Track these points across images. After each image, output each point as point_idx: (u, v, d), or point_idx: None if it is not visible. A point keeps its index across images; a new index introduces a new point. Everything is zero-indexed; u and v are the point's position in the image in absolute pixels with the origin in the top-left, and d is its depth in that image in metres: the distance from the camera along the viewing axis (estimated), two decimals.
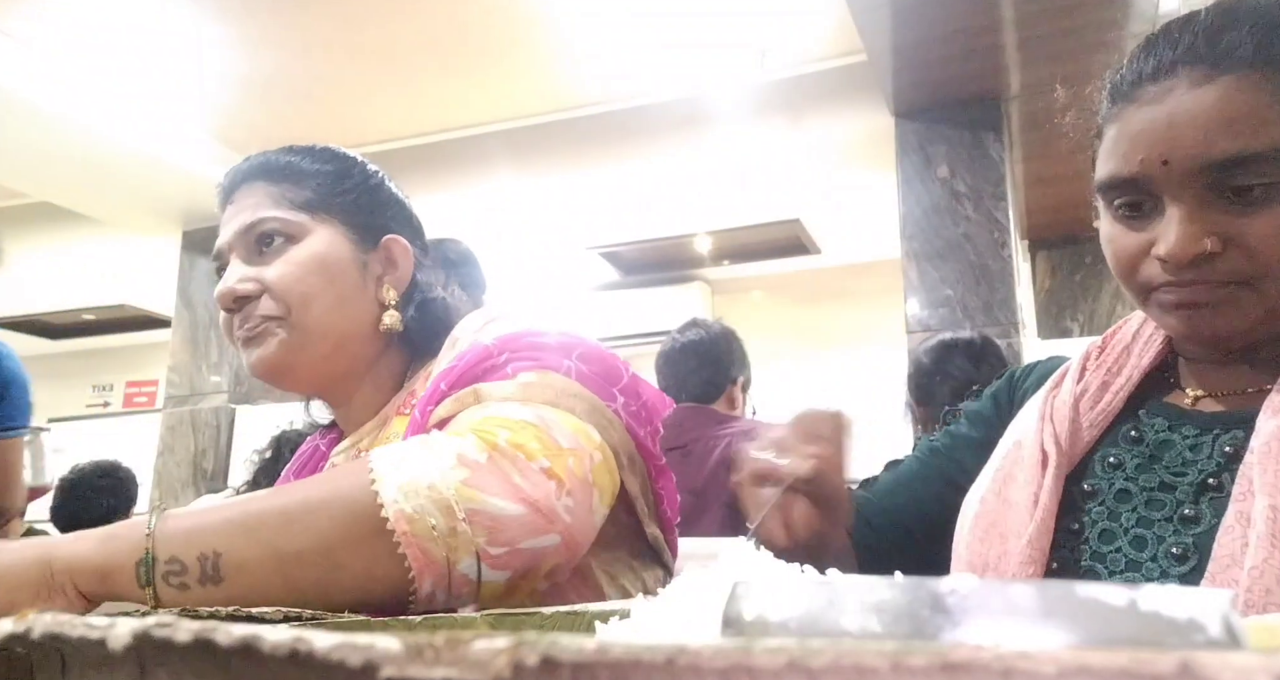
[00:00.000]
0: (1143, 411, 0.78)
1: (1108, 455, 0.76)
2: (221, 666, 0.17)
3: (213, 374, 4.76)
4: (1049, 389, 0.81)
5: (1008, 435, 0.81)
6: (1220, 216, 0.66)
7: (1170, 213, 0.67)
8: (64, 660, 0.20)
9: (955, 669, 0.13)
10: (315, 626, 0.34)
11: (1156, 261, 0.68)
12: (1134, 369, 0.79)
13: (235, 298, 0.87)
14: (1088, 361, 0.82)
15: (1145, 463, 0.74)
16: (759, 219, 5.07)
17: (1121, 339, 0.82)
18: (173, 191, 4.59)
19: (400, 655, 0.15)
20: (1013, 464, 0.78)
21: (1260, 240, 0.65)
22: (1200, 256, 0.65)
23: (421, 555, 0.61)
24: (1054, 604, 0.18)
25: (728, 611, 0.21)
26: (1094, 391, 0.79)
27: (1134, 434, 0.76)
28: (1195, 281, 0.67)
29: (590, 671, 0.14)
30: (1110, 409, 0.78)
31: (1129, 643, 0.17)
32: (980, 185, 3.45)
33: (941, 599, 0.19)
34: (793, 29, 3.50)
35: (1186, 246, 0.65)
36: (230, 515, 0.64)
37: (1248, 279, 0.66)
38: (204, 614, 0.38)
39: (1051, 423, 0.78)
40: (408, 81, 3.90)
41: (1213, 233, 0.65)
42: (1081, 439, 0.77)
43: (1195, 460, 0.72)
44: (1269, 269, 0.65)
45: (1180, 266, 0.66)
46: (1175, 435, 0.74)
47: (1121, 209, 0.71)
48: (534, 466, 0.65)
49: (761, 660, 0.14)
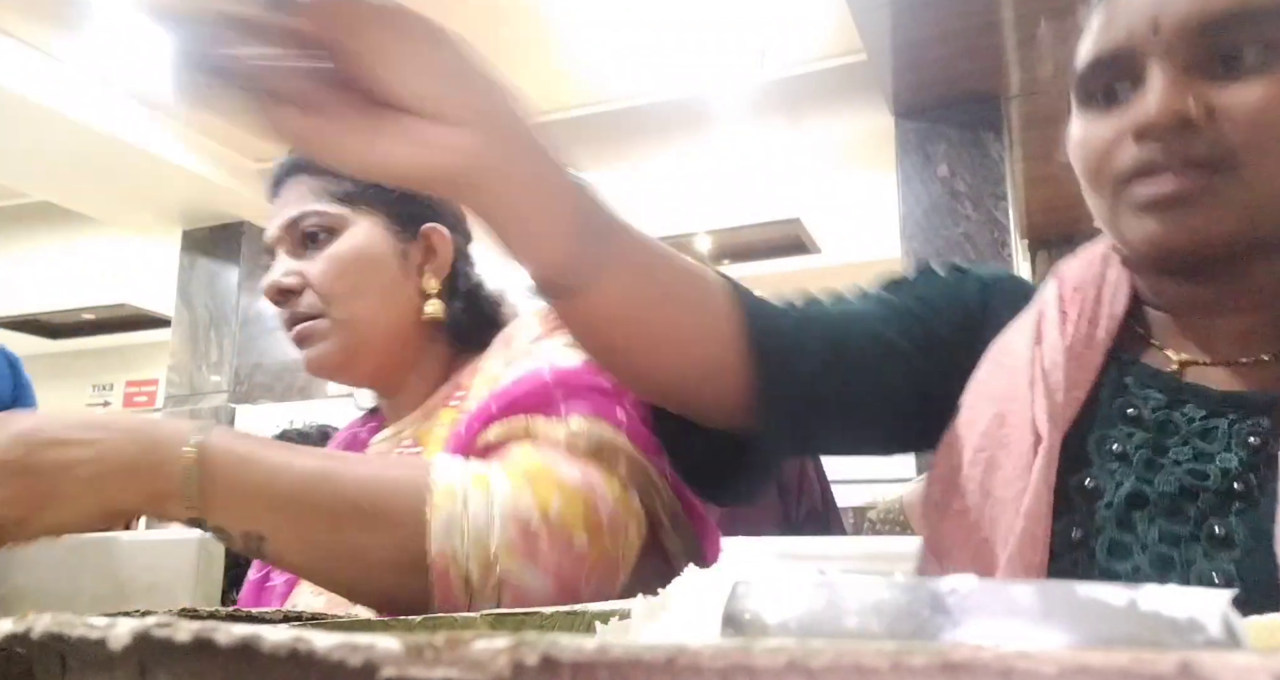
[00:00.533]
0: (1130, 380, 0.66)
1: (1107, 439, 0.64)
2: (221, 666, 0.17)
3: (212, 373, 4.76)
4: (1029, 340, 0.67)
5: (983, 402, 0.66)
6: (1208, 84, 0.59)
7: (1152, 79, 0.60)
8: (64, 660, 0.20)
9: (955, 669, 0.13)
10: (315, 626, 0.34)
11: (1131, 148, 0.60)
12: (1109, 318, 0.68)
13: (280, 291, 0.88)
14: (1066, 303, 0.69)
15: (1153, 455, 0.62)
16: (759, 219, 5.07)
17: (1089, 276, 0.70)
18: (173, 191, 4.59)
19: (400, 655, 0.15)
20: (997, 447, 0.64)
21: (1249, 111, 0.57)
22: (1182, 123, 0.58)
23: (447, 598, 0.63)
24: (1054, 604, 0.18)
25: (728, 611, 0.21)
26: (1079, 343, 0.66)
27: (1131, 411, 0.64)
28: (1173, 167, 0.58)
29: (590, 671, 0.14)
30: (1094, 366, 0.66)
31: (1129, 643, 0.17)
32: (980, 185, 3.45)
33: (941, 599, 0.19)
34: (793, 29, 3.50)
35: (1169, 106, 0.58)
36: (281, 493, 0.62)
37: (1233, 161, 0.57)
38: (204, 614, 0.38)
39: (1045, 389, 0.64)
40: None
41: (1196, 96, 0.58)
42: (1071, 408, 0.64)
43: (1211, 453, 0.60)
44: (1256, 149, 0.57)
45: (1159, 134, 0.58)
46: (1177, 415, 0.63)
47: (1097, 98, 0.64)
48: (575, 545, 0.66)
49: (761, 660, 0.14)
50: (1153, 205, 0.60)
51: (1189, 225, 0.59)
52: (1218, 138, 0.58)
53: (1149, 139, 0.59)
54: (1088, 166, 0.64)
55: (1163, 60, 0.60)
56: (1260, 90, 0.58)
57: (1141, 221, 0.61)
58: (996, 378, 0.67)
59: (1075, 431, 0.64)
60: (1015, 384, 0.65)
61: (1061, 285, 0.70)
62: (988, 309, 0.73)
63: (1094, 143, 0.63)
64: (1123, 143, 0.61)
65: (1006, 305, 0.73)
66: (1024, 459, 0.62)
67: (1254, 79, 0.58)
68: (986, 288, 0.75)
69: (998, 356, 0.68)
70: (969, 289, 0.75)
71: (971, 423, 0.66)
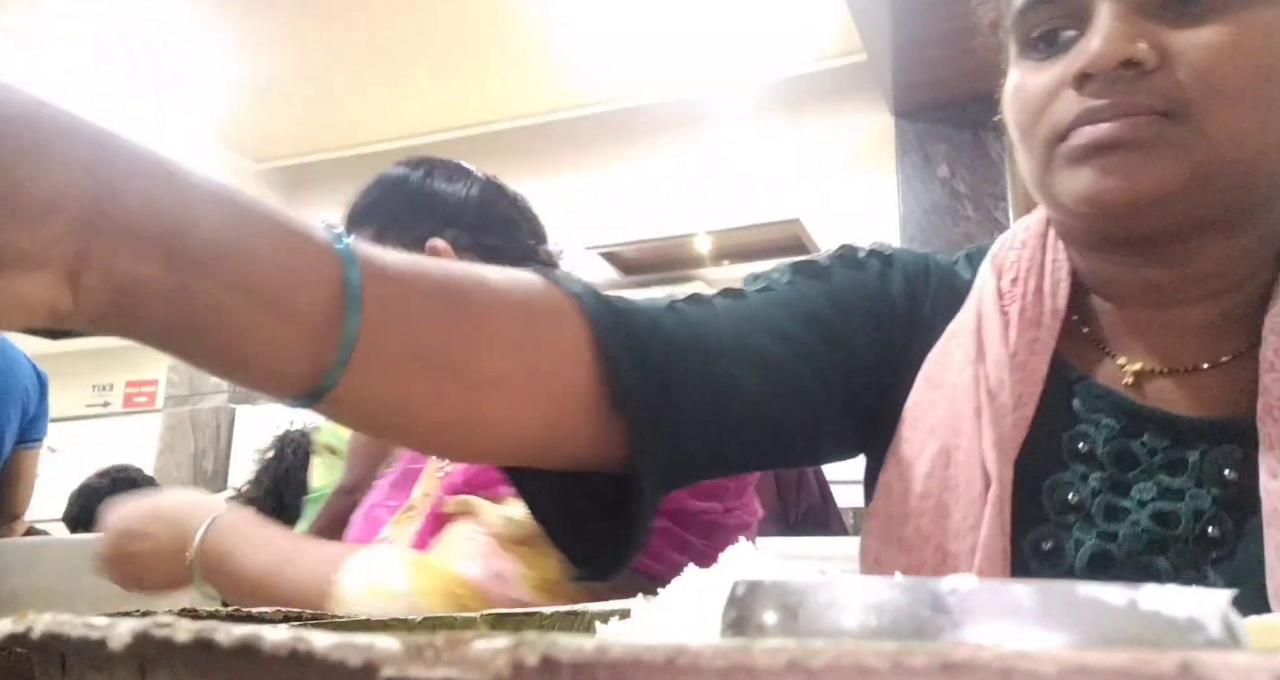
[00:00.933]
0: (1078, 404, 0.58)
1: (1060, 487, 0.56)
2: (221, 666, 0.17)
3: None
4: (970, 355, 0.58)
5: (923, 434, 0.58)
6: (1162, 26, 0.51)
7: (1099, 18, 0.52)
8: (64, 660, 0.20)
9: (955, 669, 0.13)
10: (315, 626, 0.34)
11: (1072, 97, 0.53)
12: (1052, 315, 0.59)
13: None
14: (1005, 300, 0.60)
15: (1114, 497, 0.55)
16: (759, 219, 5.07)
17: (1028, 263, 0.61)
18: None
19: (400, 655, 0.15)
20: (944, 490, 0.56)
21: (1204, 55, 0.50)
22: (1130, 66, 0.50)
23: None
24: (1054, 604, 0.18)
25: (728, 611, 0.21)
26: (1023, 350, 0.58)
27: (1083, 447, 0.57)
28: (1120, 111, 0.51)
29: (590, 671, 0.14)
30: (1040, 376, 0.58)
31: (1129, 643, 0.17)
32: (980, 185, 3.44)
33: (941, 599, 0.19)
34: (793, 29, 3.50)
35: (1114, 47, 0.50)
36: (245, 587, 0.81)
37: (1183, 108, 0.50)
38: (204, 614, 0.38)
39: (993, 416, 0.56)
40: (408, 81, 3.90)
41: (1147, 37, 0.51)
42: (1019, 430, 0.57)
43: (1179, 489, 0.54)
44: (1210, 95, 0.50)
45: (1104, 79, 0.51)
46: (1135, 445, 0.56)
47: (1037, 45, 0.56)
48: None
49: (761, 660, 0.14)
50: (1089, 151, 0.52)
51: (1132, 177, 0.51)
52: (1170, 85, 0.50)
53: (1092, 85, 0.52)
54: (1020, 119, 0.56)
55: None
56: (1220, 34, 0.50)
57: (1075, 174, 0.53)
58: (937, 404, 0.59)
59: (1026, 472, 0.56)
60: (959, 413, 0.57)
61: (999, 277, 0.61)
62: (914, 303, 0.64)
63: (1030, 92, 0.56)
64: (1063, 93, 0.54)
65: (935, 300, 0.64)
66: (974, 506, 0.55)
67: (1214, 21, 0.50)
68: (911, 281, 0.65)
69: (936, 375, 0.60)
70: (892, 282, 0.65)
71: (913, 461, 0.58)
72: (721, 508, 0.85)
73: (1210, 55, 0.50)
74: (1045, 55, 0.56)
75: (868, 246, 0.67)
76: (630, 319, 0.52)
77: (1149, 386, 0.57)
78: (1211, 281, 0.56)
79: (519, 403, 0.48)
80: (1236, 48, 0.50)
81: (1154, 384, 0.57)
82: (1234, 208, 0.53)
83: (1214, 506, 0.53)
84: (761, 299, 0.60)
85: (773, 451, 0.60)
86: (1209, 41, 0.50)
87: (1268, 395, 0.52)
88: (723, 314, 0.58)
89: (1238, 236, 0.55)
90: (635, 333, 0.52)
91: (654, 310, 0.56)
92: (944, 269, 0.66)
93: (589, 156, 4.34)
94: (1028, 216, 0.65)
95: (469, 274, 0.47)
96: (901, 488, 0.58)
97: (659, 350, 0.52)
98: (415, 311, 0.43)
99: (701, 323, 0.56)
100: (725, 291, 0.61)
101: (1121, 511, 0.55)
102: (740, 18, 3.43)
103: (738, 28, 3.50)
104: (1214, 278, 0.56)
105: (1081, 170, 0.53)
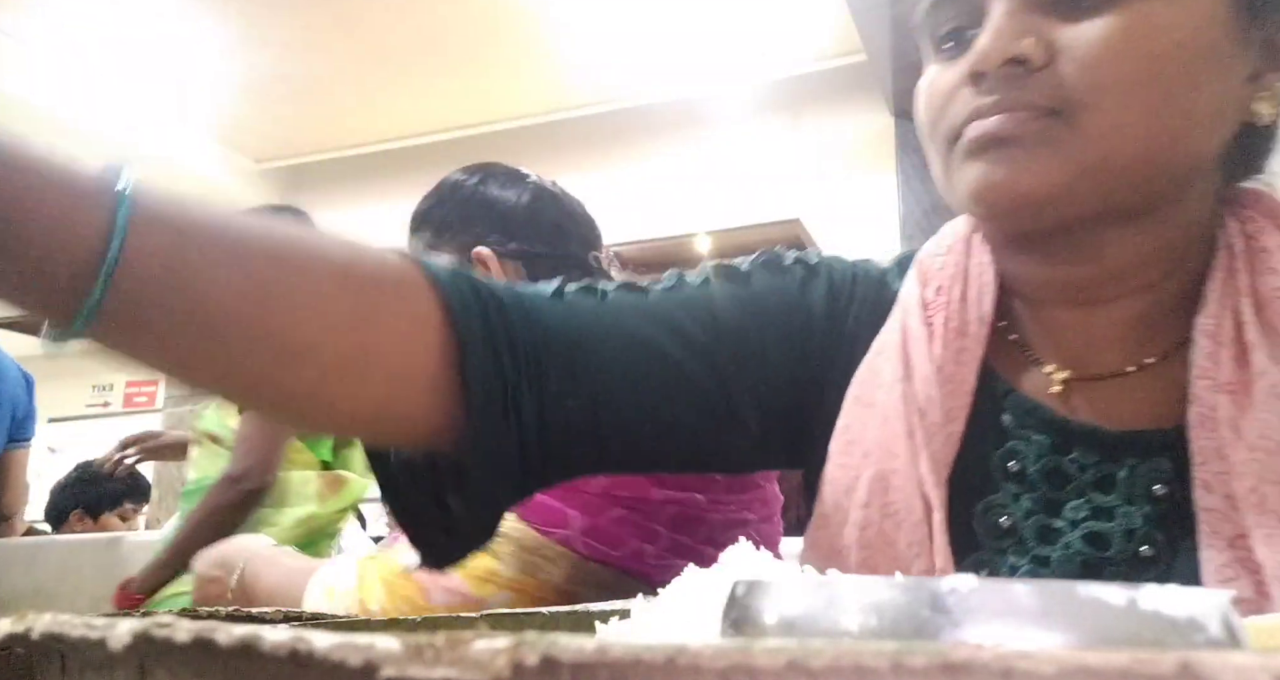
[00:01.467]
0: (1008, 419, 0.56)
1: (993, 510, 0.55)
2: (221, 666, 0.17)
3: None
4: (898, 372, 0.57)
5: (857, 458, 0.56)
6: (1051, 21, 0.51)
7: (991, 15, 0.52)
8: (64, 660, 0.20)
9: (955, 669, 0.13)
10: (315, 626, 0.34)
11: (967, 95, 0.53)
12: (978, 322, 0.57)
13: None
14: (930, 310, 0.58)
15: (1046, 517, 0.54)
16: (759, 219, 5.06)
17: (953, 268, 0.60)
18: None
19: (400, 655, 0.15)
20: (884, 518, 0.54)
21: (1091, 49, 0.49)
22: (1018, 63, 0.50)
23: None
24: (1054, 604, 0.18)
25: (728, 611, 0.21)
26: (949, 362, 0.56)
27: (1013, 466, 0.55)
28: (1006, 108, 0.51)
29: (590, 671, 0.14)
30: (968, 388, 0.56)
31: (1129, 643, 0.17)
32: None
33: (941, 599, 0.19)
34: (793, 29, 3.50)
35: (1000, 44, 0.50)
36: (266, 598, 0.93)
37: (1074, 106, 0.49)
38: (204, 614, 0.38)
39: (925, 436, 0.54)
40: (408, 81, 3.90)
41: (1035, 34, 0.50)
42: (950, 448, 0.55)
43: (1110, 507, 0.52)
44: (1096, 90, 0.49)
45: (994, 73, 0.51)
46: (1066, 462, 0.54)
47: (944, 43, 0.56)
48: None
49: (761, 660, 0.14)
50: (976, 148, 0.52)
51: (1011, 169, 0.50)
52: (1059, 81, 0.50)
53: (985, 82, 0.52)
54: (925, 118, 0.56)
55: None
56: (1107, 27, 0.49)
57: (966, 171, 0.53)
58: (868, 425, 0.57)
59: (960, 494, 0.55)
60: (891, 435, 0.55)
61: (924, 286, 0.60)
62: (834, 316, 0.62)
63: (934, 91, 0.56)
64: (961, 91, 0.54)
65: (860, 312, 0.62)
66: (918, 533, 0.53)
67: (1103, 15, 0.49)
68: (834, 292, 0.63)
69: (866, 395, 0.58)
70: (813, 293, 0.63)
71: (849, 488, 0.56)
72: (705, 500, 0.84)
73: (1096, 49, 0.49)
74: (951, 54, 0.55)
75: (795, 254, 0.66)
76: (499, 304, 0.51)
77: (1077, 395, 0.56)
78: (1129, 278, 0.55)
79: (345, 377, 0.46)
80: (1124, 40, 0.49)
81: (1082, 392, 0.56)
82: (1133, 201, 0.52)
83: (1145, 525, 0.51)
84: (663, 296, 0.59)
85: (668, 452, 0.58)
86: (1096, 35, 0.49)
87: (1200, 404, 0.50)
88: (615, 307, 0.56)
89: (1147, 230, 0.53)
90: (503, 318, 0.51)
91: (535, 297, 0.54)
92: (872, 279, 0.65)
93: (588, 156, 4.34)
94: (955, 220, 0.63)
95: (294, 241, 0.45)
96: (839, 518, 0.56)
97: (526, 338, 0.51)
98: (198, 264, 0.42)
99: (588, 313, 0.55)
100: (626, 286, 0.59)
101: (1054, 533, 0.53)
102: (740, 18, 3.43)
103: (738, 28, 3.50)
104: (1131, 273, 0.55)
105: (971, 167, 0.52)
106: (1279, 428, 0.47)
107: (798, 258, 0.65)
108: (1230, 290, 0.52)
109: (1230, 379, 0.50)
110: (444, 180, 1.07)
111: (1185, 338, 0.53)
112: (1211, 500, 0.48)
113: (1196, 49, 0.49)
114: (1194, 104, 0.50)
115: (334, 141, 4.49)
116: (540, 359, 0.51)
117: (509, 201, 1.03)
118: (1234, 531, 0.48)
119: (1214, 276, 0.53)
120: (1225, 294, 0.52)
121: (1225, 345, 0.51)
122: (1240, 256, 0.53)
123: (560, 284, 0.57)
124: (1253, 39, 0.52)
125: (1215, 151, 0.53)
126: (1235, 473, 0.48)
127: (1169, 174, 0.51)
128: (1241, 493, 0.47)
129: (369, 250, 0.48)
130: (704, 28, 3.48)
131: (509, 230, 1.00)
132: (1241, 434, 0.48)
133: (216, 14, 3.42)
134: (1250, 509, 0.47)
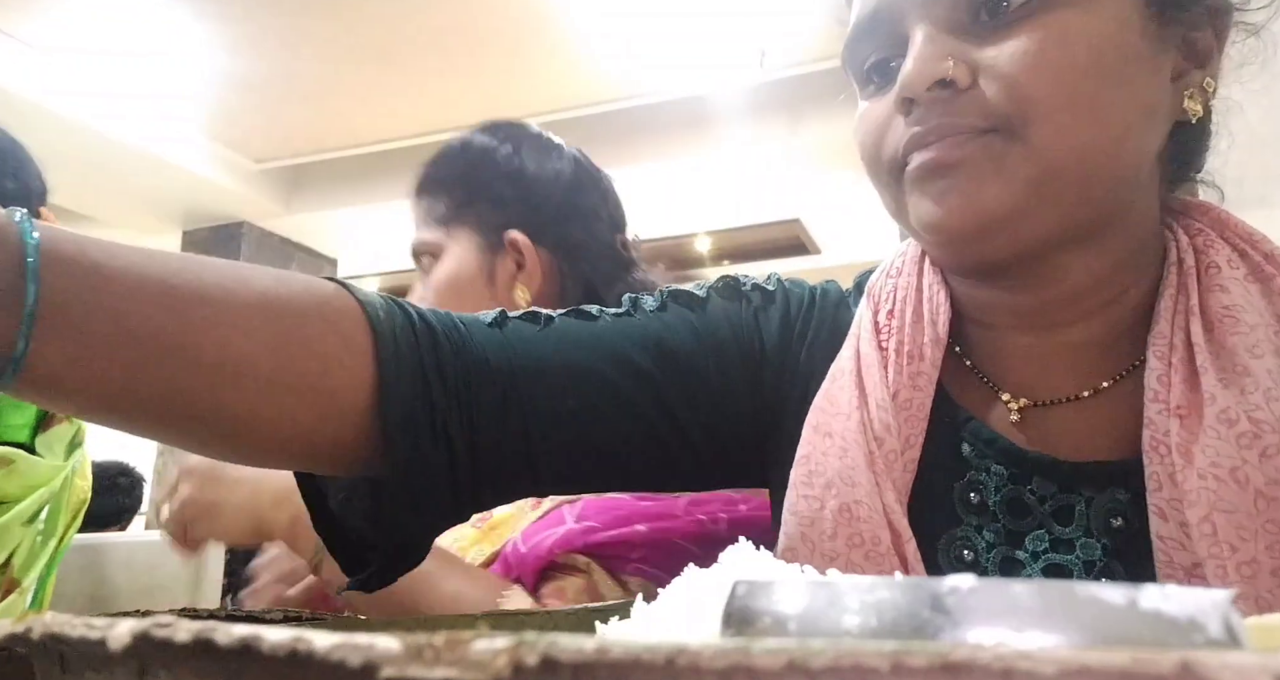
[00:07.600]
0: (968, 449, 0.56)
1: (955, 543, 0.54)
2: (221, 666, 0.17)
3: None
4: (853, 400, 0.56)
5: (819, 489, 0.55)
6: (968, 41, 0.51)
7: (912, 42, 0.52)
8: (64, 660, 0.20)
9: (955, 669, 0.13)
10: (315, 626, 0.34)
11: (901, 124, 0.52)
12: (933, 345, 0.56)
13: None
14: (882, 335, 0.58)
15: (1009, 548, 0.53)
16: (759, 219, 5.07)
17: (905, 292, 0.59)
18: (173, 191, 4.58)
19: (400, 655, 0.15)
20: (851, 548, 0.53)
21: (1016, 64, 0.49)
22: (944, 86, 0.50)
23: None
24: (1054, 604, 0.18)
25: (728, 611, 0.21)
26: (905, 388, 0.56)
27: (974, 498, 0.55)
28: (943, 133, 0.50)
29: (590, 671, 0.14)
30: (924, 413, 0.56)
31: (1129, 643, 0.17)
32: None
33: (941, 599, 0.19)
34: (793, 29, 3.50)
35: (922, 68, 0.50)
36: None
37: (1005, 122, 0.49)
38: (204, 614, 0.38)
39: (885, 464, 0.54)
40: (408, 81, 3.90)
41: (956, 56, 0.50)
42: (909, 474, 0.55)
43: (1069, 539, 0.52)
44: (1026, 104, 0.48)
45: (922, 99, 0.50)
46: (1025, 492, 0.54)
47: (870, 76, 0.56)
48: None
49: (761, 660, 0.14)
50: (925, 176, 0.51)
51: (964, 195, 0.50)
52: (985, 100, 0.49)
53: (917, 110, 0.51)
54: (865, 154, 0.56)
55: (921, 19, 0.52)
56: (1024, 42, 0.49)
57: (919, 201, 0.52)
58: (829, 454, 0.56)
59: (922, 527, 0.54)
60: (853, 465, 0.54)
61: (876, 310, 0.60)
62: (788, 342, 0.62)
63: (868, 123, 0.55)
64: (895, 121, 0.53)
65: (816, 339, 0.62)
66: (888, 563, 0.52)
67: (1018, 31, 0.49)
68: (789, 318, 0.63)
69: (824, 424, 0.57)
70: (768, 319, 0.63)
71: (813, 520, 0.55)
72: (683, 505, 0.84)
73: (1016, 64, 0.49)
74: (879, 86, 0.56)
75: (753, 280, 0.66)
76: (430, 332, 0.52)
77: (1034, 423, 0.55)
78: (1084, 300, 0.54)
79: (275, 397, 0.46)
80: (1041, 52, 0.49)
81: (1039, 419, 0.55)
82: (1085, 219, 0.51)
83: (1104, 556, 0.51)
84: (611, 324, 0.59)
85: (610, 474, 0.58)
86: (1015, 51, 0.49)
87: (1153, 428, 0.49)
88: (557, 334, 0.57)
89: (1100, 250, 0.53)
90: (433, 345, 0.51)
91: (473, 325, 0.55)
92: (830, 304, 0.64)
93: (588, 156, 4.35)
94: (905, 243, 0.62)
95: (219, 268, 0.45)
96: (806, 549, 0.55)
97: (457, 364, 0.52)
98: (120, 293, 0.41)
99: (526, 341, 0.56)
100: (576, 311, 0.60)
101: (1016, 565, 0.53)
102: (740, 18, 3.43)
103: (738, 28, 3.51)
104: (1085, 296, 0.54)
105: (922, 198, 0.52)
106: (1230, 455, 0.46)
107: (755, 284, 0.66)
108: (1180, 308, 0.52)
109: (1181, 403, 0.49)
110: (468, 142, 0.96)
111: (1140, 359, 0.53)
112: (1167, 529, 0.48)
113: (1115, 53, 0.49)
114: (1125, 106, 0.50)
115: (334, 141, 4.49)
116: (471, 385, 0.52)
117: (547, 181, 0.95)
118: (1190, 560, 0.47)
119: (1164, 294, 0.53)
120: (1176, 312, 0.52)
121: (1176, 367, 0.50)
122: (1190, 273, 0.53)
123: (499, 314, 0.57)
124: (1170, 39, 0.52)
125: (1154, 150, 0.53)
126: (1187, 501, 0.47)
127: (1115, 177, 0.51)
128: (1194, 521, 0.46)
129: (296, 277, 0.49)
130: (704, 28, 3.48)
131: (546, 215, 0.93)
132: (1192, 461, 0.47)
133: (216, 14, 3.42)
134: (1203, 538, 0.46)
